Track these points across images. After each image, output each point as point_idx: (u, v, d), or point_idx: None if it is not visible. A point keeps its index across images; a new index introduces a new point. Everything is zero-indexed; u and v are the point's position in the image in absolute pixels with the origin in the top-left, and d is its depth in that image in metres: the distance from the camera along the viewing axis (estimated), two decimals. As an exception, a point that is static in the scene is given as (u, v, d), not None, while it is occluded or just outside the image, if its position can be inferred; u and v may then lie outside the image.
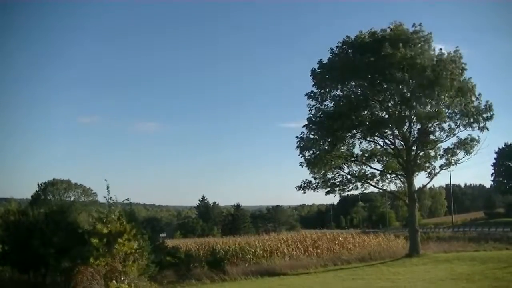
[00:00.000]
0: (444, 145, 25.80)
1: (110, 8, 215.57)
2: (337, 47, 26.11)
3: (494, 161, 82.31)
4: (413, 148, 25.87)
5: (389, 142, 26.63)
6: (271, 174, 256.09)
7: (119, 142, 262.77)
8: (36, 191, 75.91)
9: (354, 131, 26.31)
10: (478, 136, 24.85)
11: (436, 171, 25.89)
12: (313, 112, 26.49)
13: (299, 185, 27.64)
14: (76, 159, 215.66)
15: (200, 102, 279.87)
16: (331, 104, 26.55)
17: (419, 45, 24.43)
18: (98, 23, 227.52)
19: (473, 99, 24.42)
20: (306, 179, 27.50)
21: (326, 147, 26.10)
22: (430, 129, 25.31)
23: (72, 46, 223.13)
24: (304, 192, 27.81)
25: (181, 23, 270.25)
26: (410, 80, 24.41)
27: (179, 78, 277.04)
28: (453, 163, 25.65)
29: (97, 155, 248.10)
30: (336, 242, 33.45)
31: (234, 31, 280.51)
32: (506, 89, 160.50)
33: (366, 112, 25.98)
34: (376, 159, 27.93)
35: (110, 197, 14.67)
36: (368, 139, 27.00)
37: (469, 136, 24.96)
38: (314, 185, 27.23)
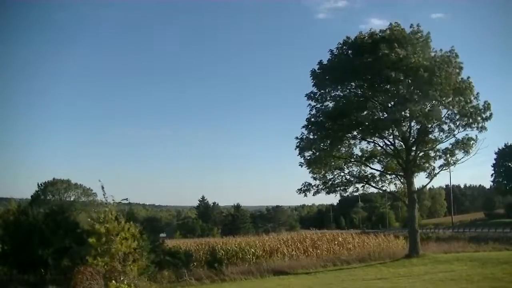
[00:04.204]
0: (443, 146, 25.79)
1: (110, 6, 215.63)
2: (336, 48, 26.08)
3: (494, 161, 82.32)
4: (412, 148, 25.84)
5: (388, 143, 26.61)
6: (271, 174, 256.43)
7: (119, 142, 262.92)
8: (36, 191, 75.84)
9: (354, 131, 26.29)
10: (476, 136, 24.80)
11: (436, 171, 25.84)
12: (313, 112, 26.46)
13: (300, 188, 27.44)
14: (76, 159, 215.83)
15: (200, 101, 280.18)
16: (331, 105, 26.51)
17: (416, 45, 24.40)
18: (98, 21, 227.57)
19: (471, 98, 24.38)
20: (306, 182, 27.34)
21: (325, 148, 26.07)
22: (429, 129, 25.27)
23: (72, 44, 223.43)
24: (305, 196, 27.50)
25: (179, 22, 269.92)
26: (408, 81, 24.40)
27: (178, 77, 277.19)
28: (452, 163, 25.60)
29: (97, 155, 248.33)
30: (336, 242, 33.52)
31: (233, 30, 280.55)
32: (506, 90, 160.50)
33: (366, 112, 25.93)
34: (376, 160, 27.91)
35: (106, 197, 14.71)
36: (367, 139, 26.98)
37: (466, 135, 24.92)
38: (314, 188, 27.03)
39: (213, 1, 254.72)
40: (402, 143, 26.13)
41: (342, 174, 27.39)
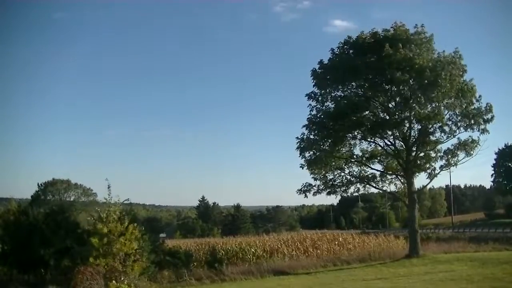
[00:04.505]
0: (444, 146, 25.76)
1: (110, 6, 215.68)
2: (338, 47, 26.04)
3: (494, 162, 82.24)
4: (413, 149, 25.81)
5: (389, 143, 26.57)
6: (271, 174, 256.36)
7: (119, 142, 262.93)
8: (36, 191, 75.73)
9: (355, 131, 26.26)
10: (478, 137, 24.79)
11: (436, 172, 25.79)
12: (313, 112, 26.40)
13: (300, 188, 27.34)
14: (76, 159, 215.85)
15: (200, 101, 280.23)
16: (331, 105, 26.44)
17: (420, 46, 24.37)
18: (98, 21, 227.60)
19: (474, 100, 24.37)
20: (306, 182, 27.23)
21: (326, 148, 26.03)
22: (430, 130, 25.25)
23: (72, 44, 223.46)
24: (306, 196, 27.36)
25: (179, 22, 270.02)
26: (411, 81, 24.37)
27: (178, 77, 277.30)
28: (453, 164, 25.57)
29: (97, 155, 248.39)
30: (336, 242, 33.50)
31: (235, 30, 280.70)
32: (506, 90, 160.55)
33: (367, 113, 25.90)
34: (376, 160, 27.89)
35: (111, 197, 14.69)
36: (368, 139, 26.95)
37: (470, 137, 24.90)
38: (315, 188, 26.96)
39: (213, 1, 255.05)
40: (402, 144, 26.10)
41: (343, 174, 27.38)
